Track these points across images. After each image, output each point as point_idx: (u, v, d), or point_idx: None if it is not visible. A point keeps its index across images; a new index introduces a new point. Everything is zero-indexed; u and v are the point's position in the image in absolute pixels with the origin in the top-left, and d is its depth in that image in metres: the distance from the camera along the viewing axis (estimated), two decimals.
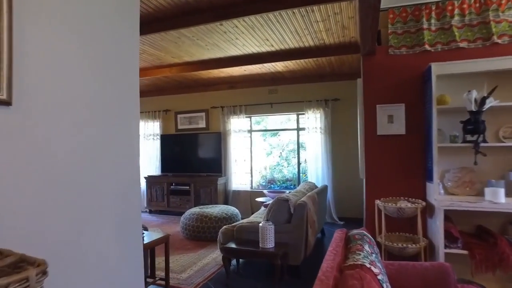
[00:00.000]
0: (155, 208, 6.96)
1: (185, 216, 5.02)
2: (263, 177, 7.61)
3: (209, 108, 7.03)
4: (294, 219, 3.39)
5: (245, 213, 6.38)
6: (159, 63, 5.13)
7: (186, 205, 6.58)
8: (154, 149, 7.40)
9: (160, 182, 6.89)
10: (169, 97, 7.41)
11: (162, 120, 7.38)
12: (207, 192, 6.46)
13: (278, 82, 6.42)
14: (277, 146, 10.30)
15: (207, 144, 6.98)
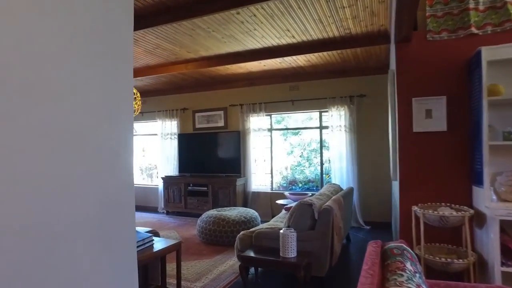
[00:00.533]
0: (172, 209, 6.78)
1: (201, 219, 4.78)
2: (284, 178, 7.29)
3: (227, 106, 6.78)
4: (318, 226, 3.06)
5: (265, 215, 6.08)
6: (174, 59, 4.92)
7: (204, 206, 6.35)
8: (172, 148, 7.22)
9: (177, 182, 6.70)
10: (186, 95, 7.22)
11: (179, 119, 7.19)
12: (226, 193, 6.21)
13: (300, 78, 6.08)
14: (298, 145, 9.97)
15: (225, 143, 6.74)
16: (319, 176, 6.51)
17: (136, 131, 8.21)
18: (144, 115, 7.63)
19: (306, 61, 5.12)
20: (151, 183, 8.15)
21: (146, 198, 7.58)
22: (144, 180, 9.74)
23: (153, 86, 6.86)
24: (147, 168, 9.83)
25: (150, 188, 7.62)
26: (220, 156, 6.75)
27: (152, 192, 7.47)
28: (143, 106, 7.62)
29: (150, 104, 7.61)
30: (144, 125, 8.22)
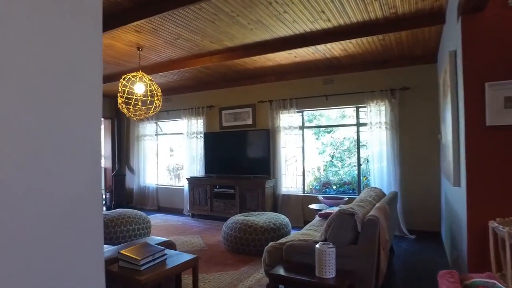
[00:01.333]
0: (197, 212, 6.45)
1: (227, 225, 4.38)
2: (316, 180, 6.75)
3: (256, 103, 6.36)
4: (362, 240, 2.55)
5: (296, 221, 5.60)
6: (197, 51, 4.55)
7: (231, 210, 5.97)
8: (198, 148, 6.90)
9: (203, 184, 6.36)
10: (213, 92, 6.88)
11: (205, 117, 6.86)
12: (254, 196, 5.79)
13: (334, 70, 5.54)
14: (330, 144, 9.38)
15: (254, 142, 6.32)
16: (356, 178, 5.92)
17: (162, 130, 7.99)
18: (170, 113, 7.37)
19: (342, 50, 4.59)
20: (178, 184, 7.90)
21: (172, 199, 7.32)
22: (172, 180, 9.56)
23: (178, 83, 6.57)
24: (174, 168, 9.64)
25: (176, 190, 7.35)
26: (248, 156, 6.34)
27: (178, 193, 7.19)
28: (169, 105, 7.37)
29: (175, 102, 7.34)
30: (170, 124, 7.98)
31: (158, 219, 6.37)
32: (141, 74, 4.27)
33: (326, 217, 4.06)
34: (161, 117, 7.54)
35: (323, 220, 4.01)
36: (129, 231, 4.35)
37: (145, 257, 2.10)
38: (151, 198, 7.49)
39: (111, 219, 4.37)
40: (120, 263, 2.13)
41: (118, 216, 4.44)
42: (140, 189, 7.65)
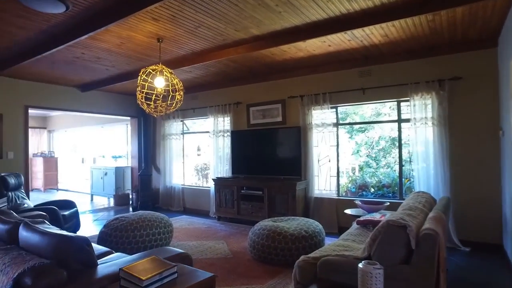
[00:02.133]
0: (223, 214, 6.11)
1: (254, 231, 3.98)
2: (352, 182, 6.21)
3: (286, 98, 5.91)
4: (416, 259, 2.06)
5: (329, 226, 5.11)
6: (221, 41, 4.19)
7: (259, 213, 5.56)
8: (224, 147, 6.57)
9: (229, 185, 6.00)
10: (240, 87, 6.51)
11: (232, 114, 6.51)
12: (284, 199, 5.35)
13: (373, 60, 4.99)
14: (365, 144, 8.76)
15: (284, 141, 5.88)
16: (396, 180, 5.32)
17: (189, 128, 7.74)
18: (196, 111, 7.10)
19: (383, 36, 4.04)
20: (206, 185, 7.61)
21: (198, 201, 7.04)
22: (200, 181, 9.32)
23: (203, 79, 6.26)
24: (202, 168, 9.39)
25: (202, 191, 7.06)
26: (277, 156, 5.92)
27: (204, 194, 6.90)
28: (195, 102, 7.10)
29: (201, 100, 7.05)
30: (197, 122, 7.72)
31: (183, 221, 6.09)
32: (161, 67, 3.97)
33: (365, 224, 3.57)
34: (187, 115, 7.28)
35: (361, 228, 3.52)
36: (149, 235, 4.07)
37: (150, 276, 1.74)
38: (177, 199, 7.25)
39: (131, 222, 4.10)
40: (121, 282, 1.79)
41: (138, 219, 4.17)
42: (166, 189, 7.44)
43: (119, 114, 7.55)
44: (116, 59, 4.86)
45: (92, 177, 8.82)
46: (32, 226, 2.15)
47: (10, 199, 4.65)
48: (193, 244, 4.56)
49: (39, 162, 10.55)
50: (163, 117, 7.51)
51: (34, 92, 6.18)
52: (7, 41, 4.06)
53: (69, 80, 6.20)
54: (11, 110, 5.88)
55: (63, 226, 4.51)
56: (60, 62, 5.02)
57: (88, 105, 6.98)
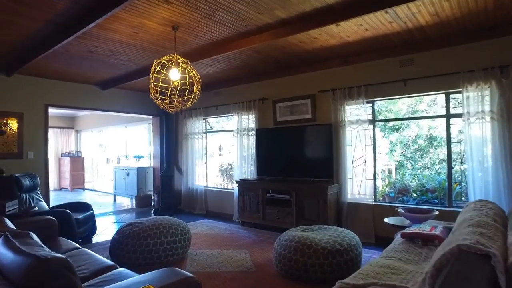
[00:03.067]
0: (248, 219, 5.65)
1: (280, 242, 3.48)
2: (390, 185, 5.56)
3: (316, 93, 5.37)
4: None
5: (365, 236, 4.54)
6: (243, 27, 3.73)
7: (286, 219, 5.06)
8: (249, 147, 6.12)
9: (254, 188, 5.54)
10: (265, 82, 6.04)
11: (257, 112, 6.04)
12: (314, 204, 4.81)
13: (416, 46, 4.35)
14: (400, 142, 8.06)
15: (313, 139, 5.35)
16: (444, 185, 4.64)
17: (212, 127, 7.36)
18: (219, 108, 6.69)
19: (432, 14, 3.42)
20: (230, 187, 7.20)
21: (222, 203, 6.63)
22: (225, 181, 8.94)
23: (226, 73, 5.83)
24: (227, 169, 9.01)
25: (226, 193, 6.65)
26: (306, 156, 5.39)
27: (227, 197, 6.48)
28: (218, 99, 6.71)
29: (225, 96, 6.64)
30: (220, 120, 7.33)
31: (204, 226, 5.70)
32: (177, 57, 3.57)
33: (412, 238, 2.98)
34: (209, 112, 6.90)
35: (408, 242, 2.93)
36: (163, 244, 3.68)
37: None
38: (199, 202, 6.89)
39: (144, 229, 3.74)
40: None
41: (152, 226, 3.79)
42: (189, 191, 7.10)
43: (140, 112, 7.30)
44: (131, 52, 4.54)
45: (115, 177, 8.67)
46: (10, 242, 1.79)
47: (24, 201, 4.43)
48: (213, 254, 4.14)
49: (67, 161, 10.60)
50: (185, 116, 7.18)
51: (54, 90, 6.02)
52: (17, 34, 3.82)
53: (88, 77, 5.99)
54: (31, 109, 5.74)
55: (76, 230, 4.23)
56: (76, 58, 4.77)
57: (109, 104, 6.77)
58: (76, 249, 3.09)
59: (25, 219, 3.53)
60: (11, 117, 5.54)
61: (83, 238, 4.80)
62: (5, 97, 5.46)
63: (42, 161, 5.83)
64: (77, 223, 4.35)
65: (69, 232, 4.15)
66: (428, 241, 2.79)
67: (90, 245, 4.61)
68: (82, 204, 4.98)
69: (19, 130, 5.60)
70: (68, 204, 5.07)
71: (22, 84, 5.63)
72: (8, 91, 5.49)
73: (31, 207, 4.04)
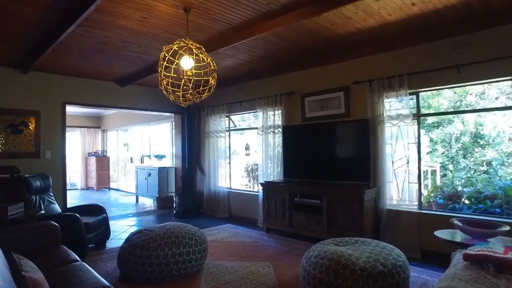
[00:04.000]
0: (273, 226, 5.12)
1: (309, 258, 2.93)
2: (437, 190, 4.83)
3: (349, 85, 4.75)
4: None
5: (408, 249, 3.88)
6: (265, 7, 3.20)
7: (316, 227, 4.49)
8: (275, 146, 5.59)
9: (280, 191, 5.00)
10: (292, 75, 5.49)
11: (284, 107, 5.49)
12: (347, 210, 4.21)
13: (475, 24, 3.64)
14: (442, 140, 7.25)
15: (347, 137, 4.75)
16: (509, 192, 3.87)
17: (236, 125, 6.90)
18: (243, 104, 6.21)
19: None
20: (256, 189, 6.72)
21: (246, 207, 6.15)
22: (251, 182, 8.48)
23: (249, 65, 5.33)
24: (253, 169, 8.54)
25: (250, 196, 6.16)
26: (339, 156, 4.80)
27: (252, 200, 5.99)
28: (241, 95, 6.23)
29: (249, 91, 6.15)
30: (246, 117, 6.85)
31: (225, 231, 5.23)
32: (189, 43, 3.11)
33: (479, 261, 2.32)
34: (233, 109, 6.44)
35: (474, 268, 2.28)
36: (174, 255, 3.23)
37: None
38: (222, 205, 6.44)
39: (154, 238, 3.31)
40: None
41: (164, 235, 3.36)
42: (211, 193, 6.67)
43: (161, 110, 6.96)
44: (144, 42, 4.14)
45: (136, 177, 8.44)
46: None
47: (33, 203, 4.16)
48: (232, 266, 3.65)
49: (93, 161, 10.56)
50: (208, 113, 6.76)
51: (72, 88, 5.79)
52: (20, 24, 3.52)
53: (106, 73, 5.71)
54: (48, 107, 5.53)
55: (85, 236, 3.89)
56: (88, 51, 4.46)
57: (128, 101, 6.48)
58: (73, 262, 2.70)
59: (27, 224, 3.21)
60: (28, 115, 5.35)
61: (96, 243, 4.49)
62: (22, 95, 5.27)
63: (59, 161, 5.61)
64: (87, 228, 4.01)
65: (77, 238, 3.83)
66: (505, 268, 2.13)
67: (102, 251, 4.28)
68: (96, 207, 4.67)
69: (36, 129, 5.41)
70: (81, 206, 4.80)
71: (39, 81, 5.43)
72: (25, 89, 5.31)
73: (37, 211, 3.75)
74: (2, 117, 5.13)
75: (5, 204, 3.49)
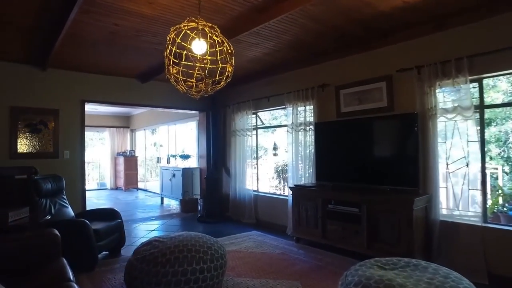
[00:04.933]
0: (304, 236, 4.53)
1: (347, 284, 2.33)
2: (505, 198, 4.03)
3: (393, 73, 4.06)
4: None
5: (472, 273, 3.15)
6: None
7: (353, 240, 3.86)
8: (307, 145, 5.00)
9: (312, 196, 4.41)
10: (326, 65, 4.87)
11: (317, 101, 4.89)
12: (392, 222, 3.54)
13: None
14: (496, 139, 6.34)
15: (390, 134, 4.08)
16: None
17: (264, 122, 6.37)
18: (271, 100, 5.67)
19: None
20: (285, 192, 6.16)
21: (274, 212, 5.61)
22: (281, 184, 7.93)
23: (277, 55, 4.78)
24: (283, 170, 7.98)
25: (279, 200, 5.62)
26: (381, 156, 4.13)
27: (281, 205, 5.44)
28: (269, 89, 5.70)
29: (278, 85, 5.60)
30: (275, 114, 6.31)
31: (250, 240, 4.72)
32: (200, 22, 2.62)
33: None
34: (260, 105, 5.91)
35: None
36: (186, 273, 2.75)
37: None
38: (248, 209, 5.94)
39: (164, 251, 2.86)
40: None
41: (175, 248, 2.89)
42: (237, 196, 6.19)
43: (184, 107, 6.59)
44: (157, 30, 3.72)
45: (161, 178, 8.15)
46: None
47: (43, 207, 3.87)
48: (254, 286, 3.12)
49: (121, 161, 10.48)
50: (233, 110, 6.28)
51: (91, 85, 5.54)
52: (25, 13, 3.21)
53: (125, 69, 5.40)
54: (67, 105, 5.30)
55: (94, 244, 3.54)
56: (100, 43, 4.12)
57: (150, 98, 6.15)
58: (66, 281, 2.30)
59: (23, 233, 2.88)
60: (47, 114, 5.14)
61: (111, 250, 4.15)
62: (40, 93, 5.08)
63: (78, 161, 5.37)
64: (97, 235, 3.66)
65: (85, 246, 3.48)
66: None
67: (115, 260, 3.93)
68: (110, 211, 4.34)
69: (54, 128, 5.19)
70: (95, 210, 4.50)
71: (57, 78, 5.21)
72: (43, 87, 5.11)
73: (43, 216, 3.44)
74: (21, 116, 4.95)
75: (6, 209, 3.20)
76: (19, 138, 4.92)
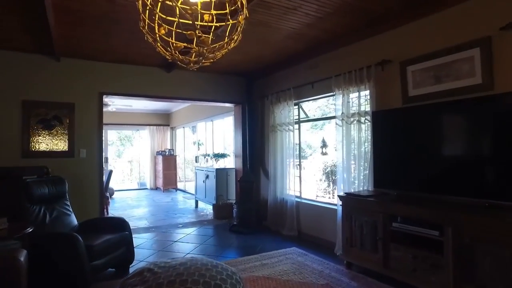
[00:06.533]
0: (357, 261, 3.41)
1: None
2: None
3: (492, 34, 2.80)
4: None
5: None
6: None
7: (431, 276, 2.68)
8: (361, 141, 3.87)
9: (370, 210, 3.28)
10: (386, 35, 3.70)
11: (375, 84, 3.74)
12: (497, 255, 2.33)
13: None
14: None
15: (487, 125, 2.82)
16: None
17: (308, 115, 5.32)
18: (315, 86, 4.62)
19: None
20: (334, 200, 5.05)
21: (320, 224, 4.55)
22: (330, 187, 6.80)
23: (321, 27, 3.71)
24: (332, 171, 6.83)
25: (326, 210, 4.53)
26: (473, 157, 2.88)
27: (329, 215, 4.37)
28: (313, 74, 4.65)
29: (323, 68, 4.53)
30: (319, 104, 5.24)
31: (288, 261, 3.72)
32: None
33: None
34: (303, 93, 4.88)
35: None
36: None
37: None
38: (289, 218, 4.93)
39: (160, 282, 1.98)
40: None
41: (176, 276, 1.98)
42: (277, 202, 5.22)
43: (216, 99, 5.78)
44: None
45: (196, 179, 7.44)
46: None
47: (34, 215, 3.24)
48: None
49: (160, 160, 10.05)
50: (272, 101, 5.31)
51: (110, 75, 4.94)
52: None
53: (144, 56, 4.70)
54: (83, 98, 4.75)
55: (85, 264, 2.81)
56: (102, 19, 3.41)
57: (177, 90, 5.42)
58: None
59: None
60: (61, 108, 4.62)
61: (118, 267, 3.44)
62: (54, 86, 4.57)
63: (96, 161, 4.78)
64: (91, 252, 2.93)
65: (72, 266, 2.77)
66: None
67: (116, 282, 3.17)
68: (117, 221, 3.62)
69: (70, 124, 4.66)
70: (103, 219, 3.89)
71: (72, 69, 4.68)
72: (57, 79, 4.60)
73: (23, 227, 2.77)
74: (33, 111, 4.47)
75: None
76: (31, 136, 4.45)
